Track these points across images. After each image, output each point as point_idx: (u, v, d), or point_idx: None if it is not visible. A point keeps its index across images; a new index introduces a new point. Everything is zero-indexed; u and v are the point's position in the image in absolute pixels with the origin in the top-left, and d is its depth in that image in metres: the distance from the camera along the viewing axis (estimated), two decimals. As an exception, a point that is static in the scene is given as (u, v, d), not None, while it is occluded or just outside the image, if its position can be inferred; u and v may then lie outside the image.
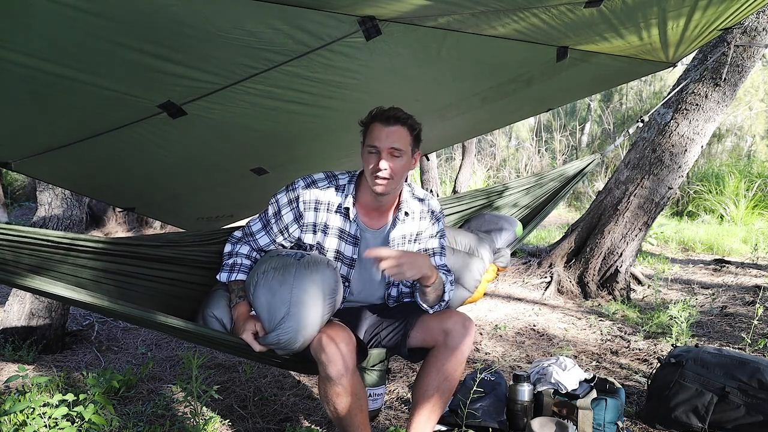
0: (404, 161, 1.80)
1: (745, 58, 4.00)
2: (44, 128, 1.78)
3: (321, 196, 1.88)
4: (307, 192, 1.88)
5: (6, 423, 1.94)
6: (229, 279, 1.87)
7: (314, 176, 1.91)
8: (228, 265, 1.89)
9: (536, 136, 13.52)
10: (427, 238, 1.98)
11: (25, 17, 1.22)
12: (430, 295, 1.83)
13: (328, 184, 1.89)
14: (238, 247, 1.94)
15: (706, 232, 7.18)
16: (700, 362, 2.31)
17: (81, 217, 3.37)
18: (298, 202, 1.87)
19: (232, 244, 1.95)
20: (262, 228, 1.93)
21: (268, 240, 1.93)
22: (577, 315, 4.05)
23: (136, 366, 2.95)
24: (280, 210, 1.89)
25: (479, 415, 2.19)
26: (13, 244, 1.47)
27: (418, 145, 1.86)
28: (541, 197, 2.88)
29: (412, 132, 1.81)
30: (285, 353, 1.71)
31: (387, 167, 1.76)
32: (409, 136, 1.80)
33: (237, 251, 1.92)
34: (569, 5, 1.73)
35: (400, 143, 1.77)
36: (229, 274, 1.88)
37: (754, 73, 12.23)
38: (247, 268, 1.90)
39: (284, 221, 1.89)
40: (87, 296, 1.44)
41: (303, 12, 1.44)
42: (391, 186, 1.81)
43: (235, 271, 1.88)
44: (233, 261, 1.90)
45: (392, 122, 1.76)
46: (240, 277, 1.87)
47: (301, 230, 1.90)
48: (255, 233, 1.93)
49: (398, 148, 1.77)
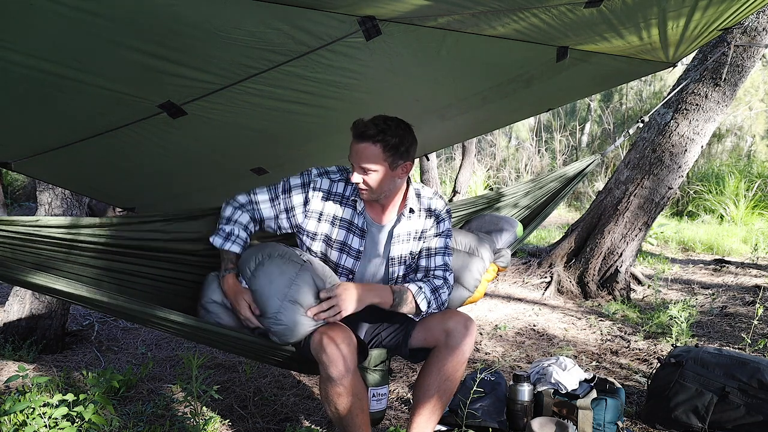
0: (378, 176, 1.78)
1: (745, 58, 4.00)
2: (44, 128, 1.78)
3: (332, 187, 1.90)
4: (320, 180, 1.89)
5: (6, 423, 1.94)
6: (222, 247, 1.84)
7: (327, 168, 1.93)
8: (224, 232, 1.84)
9: (536, 136, 13.51)
10: (431, 236, 1.98)
11: (25, 17, 1.22)
12: (402, 311, 1.86)
13: (340, 176, 1.92)
14: (239, 214, 1.88)
15: (706, 232, 7.18)
16: (700, 362, 2.31)
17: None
18: (310, 187, 1.89)
19: (233, 207, 1.89)
20: (268, 200, 1.90)
21: (271, 214, 1.90)
22: (577, 315, 4.05)
23: (136, 366, 2.95)
24: (291, 189, 1.89)
25: (479, 415, 2.19)
26: (14, 243, 1.48)
27: (404, 156, 1.80)
28: (542, 198, 2.88)
29: (386, 147, 1.75)
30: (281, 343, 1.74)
31: (360, 180, 1.79)
32: (382, 153, 1.75)
33: (236, 219, 1.87)
34: (569, 5, 1.73)
35: (368, 162, 1.75)
36: (223, 242, 1.83)
37: (754, 73, 12.23)
38: (243, 241, 1.85)
39: (292, 201, 1.89)
40: (88, 293, 1.45)
41: (303, 12, 1.44)
42: (372, 195, 1.83)
43: (230, 241, 1.84)
44: (231, 229, 1.85)
45: (361, 139, 1.75)
46: (234, 249, 1.83)
47: (305, 215, 1.90)
48: (260, 202, 1.90)
49: (365, 167, 1.76)
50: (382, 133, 1.74)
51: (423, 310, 1.88)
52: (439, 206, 2.00)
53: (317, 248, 1.92)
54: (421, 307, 1.87)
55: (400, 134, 1.78)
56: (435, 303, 1.90)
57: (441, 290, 1.92)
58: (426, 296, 1.88)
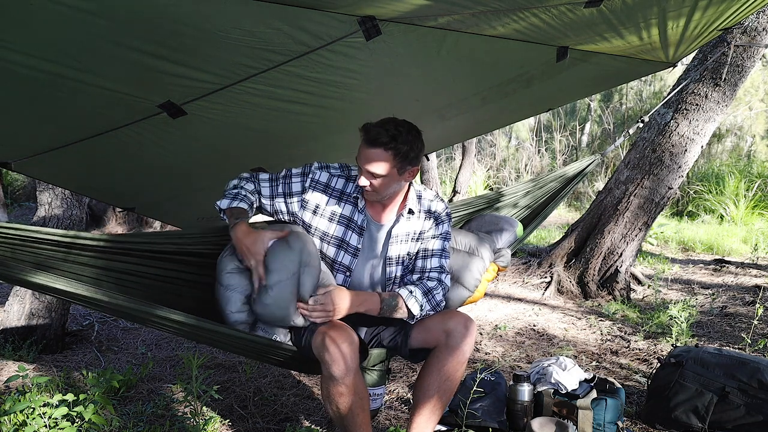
0: (385, 180, 1.79)
1: (745, 58, 4.00)
2: (44, 128, 1.78)
3: (332, 182, 1.91)
4: (319, 172, 1.91)
5: (6, 423, 1.94)
6: (230, 205, 1.83)
7: (329, 163, 1.95)
8: (231, 194, 1.85)
9: (536, 136, 13.50)
10: (428, 238, 1.98)
11: (26, 17, 1.22)
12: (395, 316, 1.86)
13: (341, 172, 1.93)
14: (244, 182, 1.91)
15: (706, 232, 7.18)
16: (700, 362, 2.31)
17: (81, 217, 3.37)
18: (308, 177, 1.90)
19: (238, 179, 1.93)
20: (268, 180, 1.93)
21: (268, 193, 1.92)
22: (577, 315, 4.05)
23: (136, 366, 2.95)
24: (291, 177, 1.91)
25: (479, 415, 2.19)
26: (14, 243, 1.48)
27: (413, 162, 1.81)
28: (542, 198, 2.88)
29: (397, 154, 1.75)
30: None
31: (366, 184, 1.79)
32: (392, 160, 1.75)
33: (242, 185, 1.89)
34: (569, 5, 1.73)
35: (378, 168, 1.75)
36: (231, 201, 1.83)
37: (754, 73, 12.22)
38: (250, 201, 1.87)
39: (291, 188, 1.91)
40: (88, 292, 1.45)
41: (303, 12, 1.44)
42: (377, 196, 1.85)
43: (238, 199, 1.83)
44: (237, 191, 1.86)
45: (373, 145, 1.74)
46: (242, 205, 1.83)
47: (301, 205, 1.90)
48: (261, 180, 1.93)
49: (374, 173, 1.76)
50: (394, 141, 1.74)
51: (416, 314, 1.87)
52: (439, 208, 2.00)
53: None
54: (413, 311, 1.86)
55: (410, 141, 1.78)
56: (429, 305, 1.89)
57: (434, 291, 1.91)
58: (417, 299, 1.87)
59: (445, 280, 1.96)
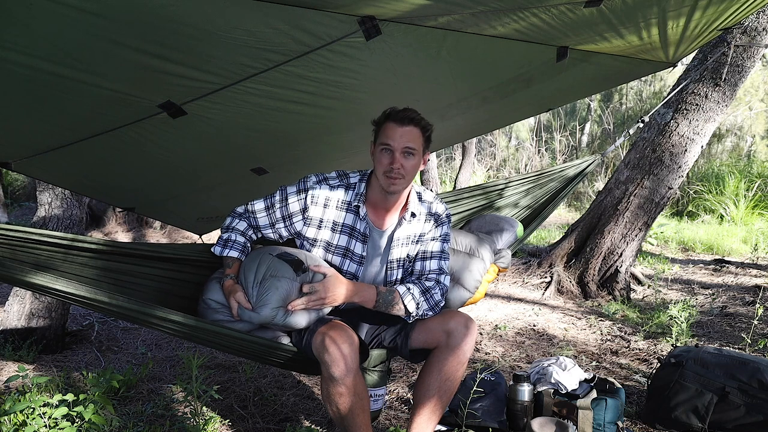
0: (416, 161, 1.83)
1: (745, 58, 4.00)
2: (44, 128, 1.78)
3: (331, 194, 1.90)
4: (318, 188, 1.90)
5: (6, 423, 1.94)
6: (222, 254, 1.91)
7: (326, 174, 1.94)
8: (223, 240, 1.94)
9: (536, 136, 13.51)
10: (428, 240, 1.98)
11: (25, 17, 1.22)
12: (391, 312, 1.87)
13: (339, 183, 1.92)
14: (237, 222, 1.96)
15: (706, 232, 7.18)
16: (700, 362, 2.31)
17: (81, 217, 3.37)
18: (307, 195, 1.89)
19: (231, 217, 1.98)
20: (264, 209, 1.94)
21: (267, 222, 1.94)
22: (577, 315, 4.05)
23: (136, 366, 2.95)
24: (288, 198, 1.91)
25: (479, 415, 2.19)
26: (13, 244, 1.48)
27: (429, 147, 1.89)
28: (542, 198, 2.87)
29: (425, 133, 1.83)
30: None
31: (401, 166, 1.80)
32: (422, 137, 1.83)
33: (234, 226, 1.95)
34: (569, 5, 1.73)
35: (414, 143, 1.80)
36: (222, 249, 1.92)
37: (754, 73, 12.23)
38: (241, 245, 1.92)
39: (290, 209, 1.91)
40: (87, 293, 1.45)
41: (303, 12, 1.44)
42: (402, 185, 1.84)
43: (228, 247, 1.92)
44: (228, 236, 1.93)
45: (407, 122, 1.79)
46: (232, 253, 1.91)
47: (304, 223, 1.91)
48: (256, 212, 1.94)
49: (412, 148, 1.80)
50: (423, 119, 1.83)
51: (411, 311, 1.86)
52: (439, 210, 2.00)
53: (317, 254, 1.92)
54: (410, 308, 1.86)
55: (428, 122, 1.86)
56: (426, 304, 1.88)
57: (432, 291, 1.90)
58: (414, 297, 1.87)
59: (443, 281, 1.96)
